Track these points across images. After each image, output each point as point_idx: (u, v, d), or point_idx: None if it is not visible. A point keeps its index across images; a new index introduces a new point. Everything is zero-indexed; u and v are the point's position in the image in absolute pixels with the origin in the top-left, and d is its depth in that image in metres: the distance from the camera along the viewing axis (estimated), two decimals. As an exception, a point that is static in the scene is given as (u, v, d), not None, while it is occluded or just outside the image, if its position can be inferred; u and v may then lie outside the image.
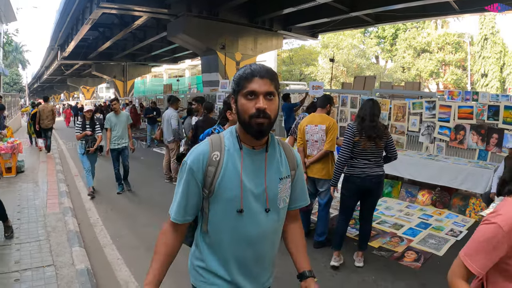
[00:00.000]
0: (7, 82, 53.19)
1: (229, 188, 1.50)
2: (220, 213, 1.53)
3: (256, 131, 1.47)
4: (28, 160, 10.06)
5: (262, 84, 1.45)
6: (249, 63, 9.77)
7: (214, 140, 1.58)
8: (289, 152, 1.70)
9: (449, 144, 6.87)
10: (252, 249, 1.56)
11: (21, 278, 3.65)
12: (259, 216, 1.54)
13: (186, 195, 1.55)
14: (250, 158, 1.55)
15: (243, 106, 1.47)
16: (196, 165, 1.52)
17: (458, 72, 36.56)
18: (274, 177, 1.58)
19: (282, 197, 1.61)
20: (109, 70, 36.33)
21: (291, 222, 1.79)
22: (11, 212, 5.70)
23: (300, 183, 1.74)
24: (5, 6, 21.75)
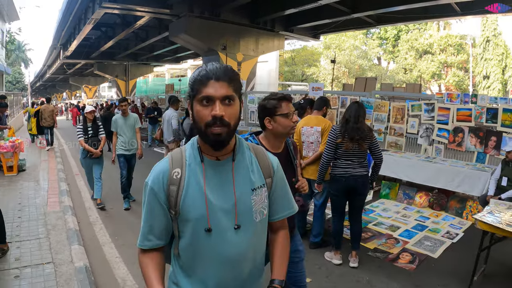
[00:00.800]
0: (9, 80, 53.37)
1: (194, 207, 1.36)
2: (189, 234, 1.39)
3: (213, 141, 1.32)
4: (29, 159, 10.13)
5: (219, 88, 1.29)
6: (251, 63, 9.87)
7: (175, 155, 1.45)
8: (262, 158, 1.54)
9: (448, 147, 6.91)
10: (230, 271, 1.41)
11: (21, 275, 3.72)
12: (229, 234, 1.38)
13: (150, 218, 1.43)
14: (214, 170, 1.40)
15: (198, 113, 1.32)
16: (157, 185, 1.39)
17: (460, 74, 36.60)
18: (244, 189, 1.42)
19: (258, 210, 1.45)
20: (111, 70, 36.39)
21: (275, 233, 1.63)
22: (12, 210, 5.81)
23: (280, 190, 1.57)
24: (8, 5, 21.88)
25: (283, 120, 2.39)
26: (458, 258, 4.55)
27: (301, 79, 41.72)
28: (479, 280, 3.87)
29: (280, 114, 2.39)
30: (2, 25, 24.85)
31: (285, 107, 2.41)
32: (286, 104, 2.43)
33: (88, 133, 6.42)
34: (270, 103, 2.44)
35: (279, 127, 2.39)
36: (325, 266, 4.32)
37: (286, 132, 2.42)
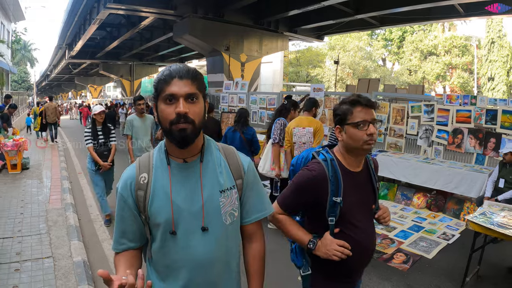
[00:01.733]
0: (15, 80, 53.77)
1: (161, 211, 1.37)
2: (159, 237, 1.40)
3: (178, 138, 1.32)
4: (33, 158, 10.27)
5: (182, 86, 1.30)
6: (254, 64, 9.92)
7: (142, 160, 1.46)
8: (232, 159, 1.52)
9: (447, 148, 6.93)
10: (200, 274, 1.41)
11: (21, 268, 3.83)
12: (196, 237, 1.38)
13: (122, 223, 1.46)
14: (181, 174, 1.40)
15: (163, 112, 1.32)
16: (125, 191, 1.42)
17: (464, 75, 36.52)
18: (213, 191, 1.41)
19: (227, 212, 1.44)
20: (116, 70, 36.65)
21: (248, 241, 1.60)
22: (15, 207, 5.94)
23: (253, 192, 1.54)
24: (14, 6, 22.09)
25: (354, 132, 1.87)
26: (452, 259, 4.58)
27: (305, 80, 41.75)
28: (472, 281, 3.91)
29: (351, 123, 1.88)
30: (8, 25, 25.09)
31: (358, 114, 1.87)
32: (361, 110, 1.88)
33: (98, 139, 5.44)
34: (341, 108, 1.96)
35: (349, 140, 1.89)
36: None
37: (358, 147, 1.88)
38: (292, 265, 2.13)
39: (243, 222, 1.54)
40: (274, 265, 4.22)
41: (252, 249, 1.58)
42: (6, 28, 24.22)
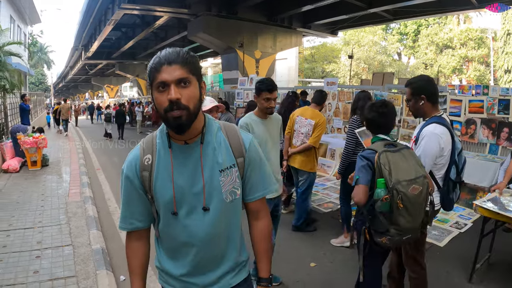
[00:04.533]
0: (32, 82, 54.77)
1: (163, 192, 1.42)
2: (163, 217, 1.46)
3: (173, 126, 1.33)
4: (52, 155, 10.55)
5: (172, 71, 1.29)
6: (269, 60, 9.98)
7: (146, 142, 1.49)
8: (234, 138, 1.52)
9: (460, 139, 6.90)
10: (204, 250, 1.46)
11: (41, 256, 4.02)
12: (197, 216, 1.43)
13: (127, 202, 1.49)
14: (182, 155, 1.43)
15: (157, 100, 1.33)
16: (131, 171, 1.45)
17: (481, 68, 35.88)
18: (213, 171, 1.43)
19: (228, 190, 1.46)
20: (132, 69, 37.12)
21: (253, 219, 1.64)
22: (35, 200, 6.17)
23: (255, 170, 1.55)
24: (30, 9, 22.52)
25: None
26: (464, 247, 4.56)
27: (321, 76, 41.59)
28: (482, 268, 3.92)
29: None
30: (25, 28, 25.60)
31: None
32: None
33: None
34: None
35: None
36: (330, 252, 4.46)
37: None
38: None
39: (246, 199, 1.57)
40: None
41: (259, 228, 1.62)
42: (22, 31, 24.73)
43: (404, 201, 2.23)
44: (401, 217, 2.26)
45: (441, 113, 2.84)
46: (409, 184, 2.25)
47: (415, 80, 2.89)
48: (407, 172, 2.30)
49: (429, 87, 2.80)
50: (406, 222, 2.28)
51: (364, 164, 2.43)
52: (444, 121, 2.75)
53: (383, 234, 2.33)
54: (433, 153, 2.68)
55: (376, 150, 2.40)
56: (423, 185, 2.31)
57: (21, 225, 4.96)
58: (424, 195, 2.34)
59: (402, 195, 2.22)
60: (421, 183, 2.30)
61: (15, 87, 10.71)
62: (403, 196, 2.22)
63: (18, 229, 4.81)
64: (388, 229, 2.31)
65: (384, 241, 2.37)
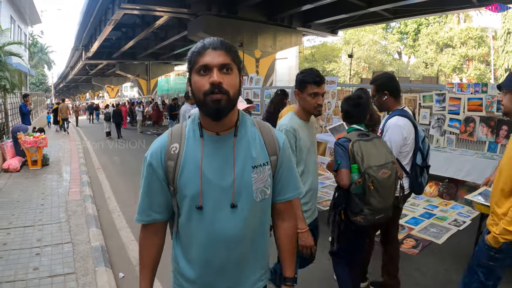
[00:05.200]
0: (33, 82, 54.80)
1: (189, 183, 1.33)
2: (186, 211, 1.38)
3: (213, 110, 1.27)
4: (53, 154, 10.59)
5: (216, 56, 1.27)
6: (269, 60, 10.07)
7: (175, 130, 1.43)
8: (268, 134, 1.46)
9: (459, 137, 6.91)
10: (225, 251, 1.38)
11: (41, 253, 4.05)
12: (224, 212, 1.35)
13: (148, 193, 1.42)
14: (213, 146, 1.36)
15: (196, 83, 1.29)
16: (155, 160, 1.37)
17: (481, 67, 35.94)
18: (245, 166, 1.36)
19: (259, 188, 1.39)
20: (132, 69, 37.18)
21: (280, 220, 1.56)
22: (36, 199, 6.20)
23: (286, 170, 1.49)
24: (30, 9, 22.58)
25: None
26: (462, 244, 4.58)
27: (321, 75, 41.61)
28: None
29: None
30: (25, 28, 25.65)
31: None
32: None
33: None
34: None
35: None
36: (328, 249, 4.46)
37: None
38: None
39: (275, 200, 1.51)
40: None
41: (285, 229, 1.56)
42: (23, 31, 24.77)
43: (374, 184, 2.49)
44: (373, 198, 2.52)
45: (403, 106, 3.12)
46: (379, 168, 2.52)
47: (379, 77, 3.19)
48: (377, 159, 2.56)
49: (391, 83, 3.08)
50: (378, 202, 2.54)
51: (341, 150, 2.65)
52: (406, 113, 3.04)
53: (358, 213, 2.58)
54: (397, 142, 2.95)
55: (351, 139, 2.63)
56: (392, 169, 2.57)
57: (21, 223, 4.99)
58: (393, 179, 2.61)
59: (373, 178, 2.48)
60: (390, 168, 2.56)
61: (16, 87, 10.73)
62: (373, 179, 2.48)
63: (18, 227, 4.84)
64: (362, 209, 2.56)
65: (358, 220, 2.62)
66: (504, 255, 2.23)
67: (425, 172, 3.17)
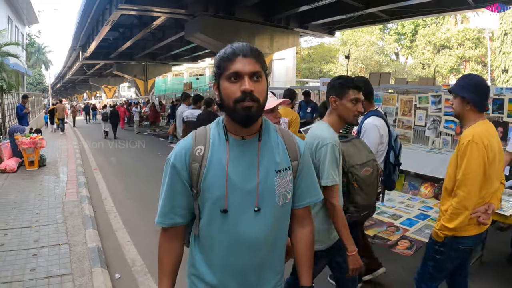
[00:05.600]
0: (30, 82, 54.73)
1: (214, 186, 1.34)
2: (208, 214, 1.37)
3: (243, 117, 1.29)
4: (50, 155, 10.59)
5: (247, 64, 1.28)
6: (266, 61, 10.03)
7: (199, 133, 1.43)
8: (289, 140, 1.48)
9: (455, 138, 6.94)
10: (247, 255, 1.38)
11: (38, 254, 4.07)
12: (248, 216, 1.36)
13: (170, 195, 1.41)
14: (238, 149, 1.37)
15: (226, 90, 1.30)
16: (179, 162, 1.37)
17: (478, 68, 36.03)
18: (269, 170, 1.38)
19: (281, 193, 1.40)
20: (130, 70, 37.06)
21: (298, 225, 1.56)
22: (33, 200, 6.22)
23: (306, 176, 1.51)
24: (27, 9, 22.57)
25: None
26: (457, 245, 4.64)
27: (319, 76, 41.58)
28: (474, 266, 3.95)
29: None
30: (22, 29, 25.65)
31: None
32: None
33: None
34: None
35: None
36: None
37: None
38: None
39: (295, 205, 1.51)
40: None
41: (304, 235, 1.56)
42: (20, 31, 24.75)
43: (358, 182, 2.54)
44: (358, 195, 2.56)
45: (377, 107, 3.35)
46: (361, 167, 2.57)
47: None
48: (359, 158, 2.61)
49: (366, 87, 3.21)
50: (362, 200, 2.58)
51: None
52: (380, 114, 3.26)
53: (344, 212, 2.53)
54: (375, 140, 3.13)
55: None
56: (373, 167, 2.65)
57: (18, 224, 5.00)
58: (375, 176, 2.68)
59: (356, 176, 2.54)
60: (371, 166, 2.63)
61: (13, 87, 10.73)
62: (357, 177, 2.54)
63: (15, 228, 4.85)
64: (348, 208, 2.57)
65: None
66: (448, 249, 2.41)
67: (397, 170, 3.39)
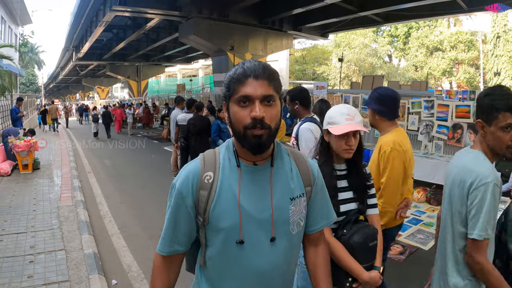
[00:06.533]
0: (23, 82, 54.37)
1: (225, 216, 1.25)
2: (218, 244, 1.28)
3: (253, 145, 1.20)
4: (44, 158, 10.56)
5: (258, 87, 1.18)
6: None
7: (208, 157, 1.33)
8: (302, 164, 1.40)
9: (447, 143, 7.03)
10: (259, 285, 1.31)
11: (35, 260, 4.08)
12: (264, 247, 1.28)
13: (174, 223, 1.31)
14: (250, 176, 1.29)
15: (236, 115, 1.21)
16: (186, 188, 1.28)
17: (471, 70, 36.35)
18: (283, 198, 1.30)
19: (295, 221, 1.33)
20: (123, 71, 36.97)
21: (313, 245, 1.51)
22: (27, 204, 6.22)
23: (319, 200, 1.44)
24: (21, 10, 22.47)
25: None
26: (449, 249, 4.71)
27: (312, 78, 41.74)
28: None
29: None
30: (16, 29, 25.51)
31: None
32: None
33: None
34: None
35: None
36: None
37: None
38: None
39: (309, 231, 1.45)
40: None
41: (318, 253, 1.51)
42: (13, 32, 24.62)
43: None
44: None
45: (312, 115, 3.67)
46: None
47: (293, 90, 3.93)
48: None
49: (302, 94, 3.69)
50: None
51: None
52: (315, 120, 3.57)
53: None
54: (312, 143, 3.34)
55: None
56: None
57: (14, 230, 5.00)
58: None
59: None
60: None
61: (6, 89, 10.69)
62: None
63: (11, 234, 4.86)
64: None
65: None
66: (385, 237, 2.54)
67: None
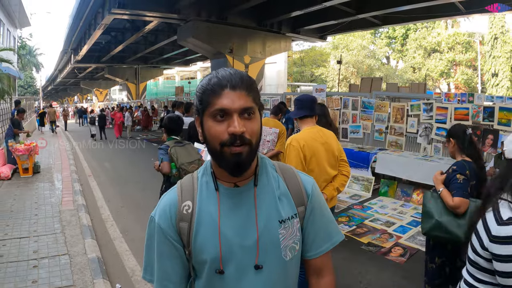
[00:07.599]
0: (21, 85, 54.23)
1: (206, 246, 1.12)
2: (204, 276, 1.16)
3: (231, 164, 1.06)
4: (44, 161, 10.59)
5: (236, 98, 1.03)
6: (258, 65, 10.27)
7: (185, 184, 1.21)
8: (292, 181, 1.24)
9: (446, 145, 7.07)
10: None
11: (39, 265, 4.10)
12: (248, 276, 1.14)
13: (162, 262, 1.17)
14: (231, 200, 1.15)
15: (211, 130, 1.06)
16: (164, 222, 1.16)
17: (468, 72, 36.55)
18: (270, 221, 1.15)
19: (287, 246, 1.17)
20: (121, 73, 36.97)
21: (315, 277, 1.30)
22: (29, 209, 6.24)
23: (319, 220, 1.25)
24: (20, 12, 22.49)
25: None
26: (448, 251, 4.75)
27: (310, 80, 41.91)
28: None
29: None
30: (14, 31, 25.52)
31: None
32: None
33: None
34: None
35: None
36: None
37: None
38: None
39: (308, 256, 1.26)
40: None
41: (325, 286, 1.29)
42: (12, 34, 24.63)
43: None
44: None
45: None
46: (189, 164, 3.64)
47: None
48: (188, 158, 3.70)
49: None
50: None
51: (163, 152, 3.73)
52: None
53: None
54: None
55: (169, 145, 3.75)
56: (198, 164, 3.61)
57: (17, 234, 5.03)
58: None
59: (185, 171, 3.54)
60: (197, 164, 3.66)
61: (6, 93, 10.70)
62: (186, 171, 3.49)
63: (14, 238, 4.88)
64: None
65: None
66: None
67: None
